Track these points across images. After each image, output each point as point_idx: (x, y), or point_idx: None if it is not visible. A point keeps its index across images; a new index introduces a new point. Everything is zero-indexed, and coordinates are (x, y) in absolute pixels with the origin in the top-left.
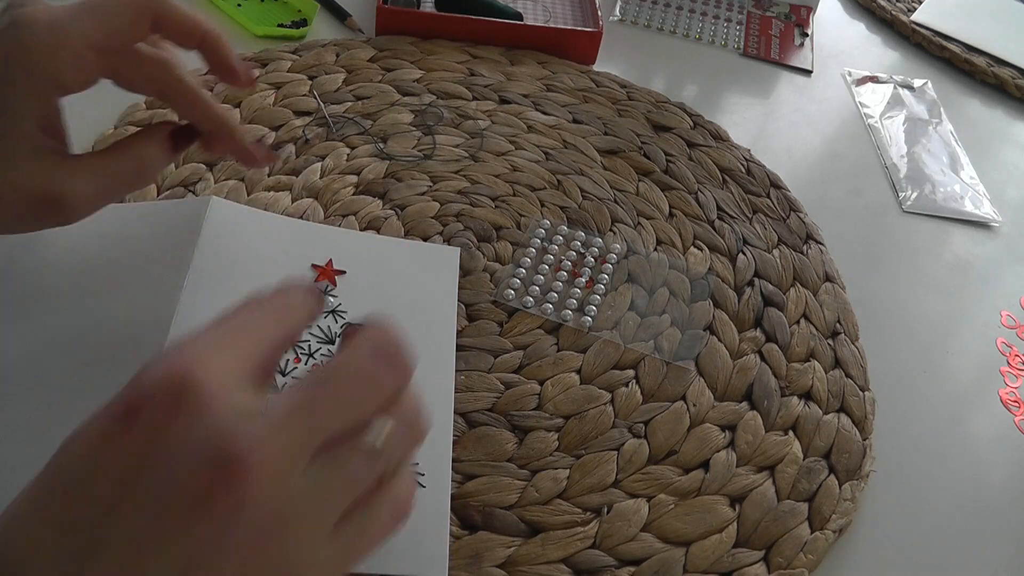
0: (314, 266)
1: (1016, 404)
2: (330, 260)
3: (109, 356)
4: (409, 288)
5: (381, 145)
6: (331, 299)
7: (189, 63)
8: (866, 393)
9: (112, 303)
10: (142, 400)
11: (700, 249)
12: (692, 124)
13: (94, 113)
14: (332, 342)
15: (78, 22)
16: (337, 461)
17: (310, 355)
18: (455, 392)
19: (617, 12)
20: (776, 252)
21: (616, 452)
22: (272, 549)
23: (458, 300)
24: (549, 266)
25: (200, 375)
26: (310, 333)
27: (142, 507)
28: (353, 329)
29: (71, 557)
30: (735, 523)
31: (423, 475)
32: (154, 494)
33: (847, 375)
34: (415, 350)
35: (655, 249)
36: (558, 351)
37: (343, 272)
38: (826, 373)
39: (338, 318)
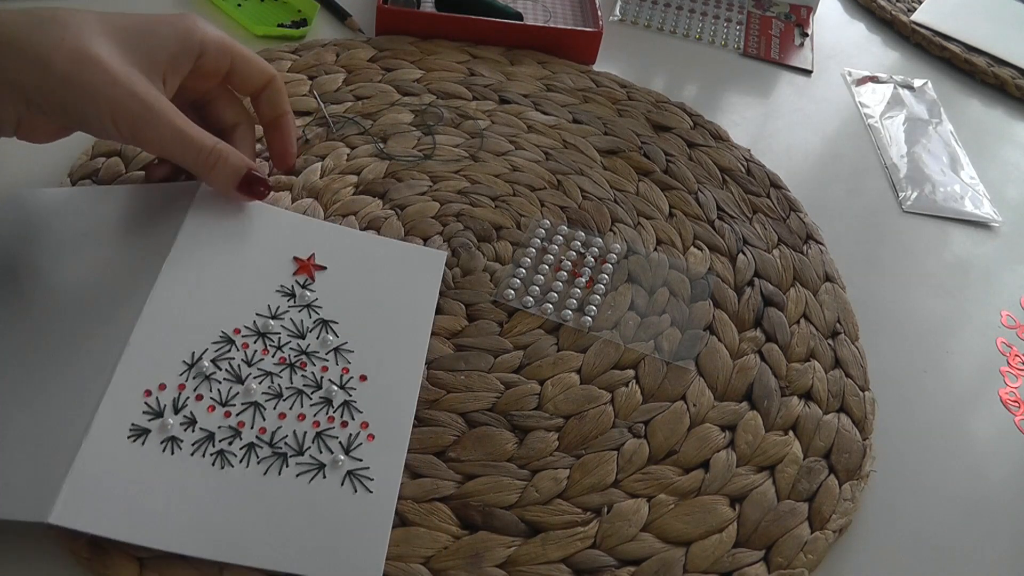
0: (295, 259)
1: (1016, 404)
2: (312, 254)
3: (82, 327)
4: (388, 289)
5: (381, 145)
6: (308, 293)
7: None
8: (866, 393)
9: (92, 276)
10: None
11: (700, 249)
12: (692, 124)
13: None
14: (303, 336)
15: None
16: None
17: (279, 347)
18: (454, 394)
19: (617, 12)
20: (776, 252)
21: (616, 452)
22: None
23: (457, 301)
24: (549, 266)
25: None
26: (281, 326)
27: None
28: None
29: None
30: (735, 523)
31: (372, 480)
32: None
33: (847, 375)
34: (384, 351)
35: (655, 249)
36: (558, 351)
37: (323, 268)
38: (826, 373)
39: (312, 312)
